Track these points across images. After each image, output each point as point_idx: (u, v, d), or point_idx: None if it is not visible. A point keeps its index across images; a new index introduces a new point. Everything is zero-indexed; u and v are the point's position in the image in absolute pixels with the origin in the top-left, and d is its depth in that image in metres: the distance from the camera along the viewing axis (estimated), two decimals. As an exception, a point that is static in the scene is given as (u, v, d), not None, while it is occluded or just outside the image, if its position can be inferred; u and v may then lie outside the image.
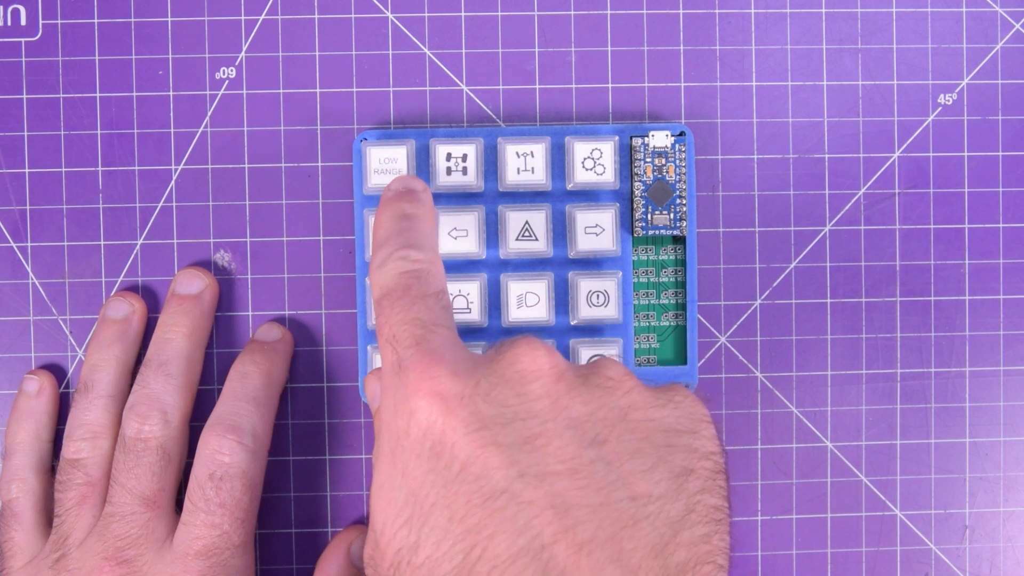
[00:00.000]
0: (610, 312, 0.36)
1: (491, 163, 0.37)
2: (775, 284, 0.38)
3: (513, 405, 0.26)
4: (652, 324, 0.38)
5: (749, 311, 0.38)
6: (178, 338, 0.36)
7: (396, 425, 0.26)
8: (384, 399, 0.28)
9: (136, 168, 0.37)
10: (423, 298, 0.28)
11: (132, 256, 0.37)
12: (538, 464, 0.25)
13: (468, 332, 0.37)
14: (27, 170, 0.37)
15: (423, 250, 0.30)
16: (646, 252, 0.38)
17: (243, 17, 0.37)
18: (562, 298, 0.37)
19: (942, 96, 0.38)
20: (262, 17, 0.37)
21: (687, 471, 0.26)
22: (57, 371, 0.37)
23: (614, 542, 0.24)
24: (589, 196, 0.37)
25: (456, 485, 0.25)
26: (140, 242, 0.37)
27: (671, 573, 0.25)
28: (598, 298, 0.36)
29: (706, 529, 0.26)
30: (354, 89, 0.37)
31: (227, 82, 0.37)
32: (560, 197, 0.37)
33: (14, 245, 0.37)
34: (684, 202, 0.37)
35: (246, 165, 0.37)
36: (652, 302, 0.38)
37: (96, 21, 0.37)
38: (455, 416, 0.26)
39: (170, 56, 0.37)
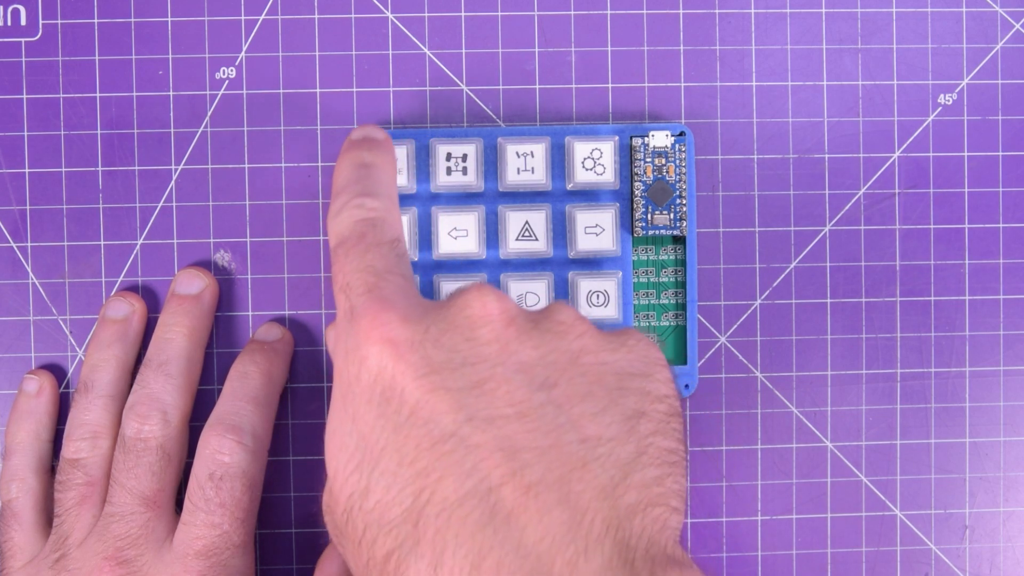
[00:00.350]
0: (610, 312, 0.36)
1: (491, 163, 0.37)
2: (775, 284, 0.38)
3: (463, 350, 0.26)
4: (652, 324, 0.38)
5: (749, 311, 0.38)
6: (178, 338, 0.36)
7: (347, 372, 0.27)
8: (337, 347, 0.28)
9: (136, 168, 0.37)
10: (377, 246, 0.29)
11: (132, 256, 0.37)
12: (487, 408, 0.25)
13: (468, 332, 0.37)
14: (27, 170, 0.37)
15: (379, 198, 0.30)
16: (646, 252, 0.38)
17: (243, 17, 0.37)
18: (562, 298, 0.37)
19: (942, 96, 0.38)
20: (262, 17, 0.37)
21: (639, 413, 0.26)
22: (57, 371, 0.37)
23: (562, 484, 0.24)
24: (589, 196, 0.37)
25: (405, 429, 0.25)
26: (140, 242, 0.37)
27: (621, 515, 0.25)
28: (598, 298, 0.36)
29: (658, 471, 0.26)
30: (354, 89, 0.37)
31: (227, 82, 0.37)
32: (560, 197, 0.37)
33: (14, 245, 0.37)
34: (684, 202, 0.37)
35: (246, 165, 0.37)
36: (652, 302, 0.38)
37: (96, 21, 0.37)
38: (405, 361, 0.26)
39: (170, 56, 0.37)
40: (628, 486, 0.25)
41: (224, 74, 0.37)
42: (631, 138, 0.37)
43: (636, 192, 0.37)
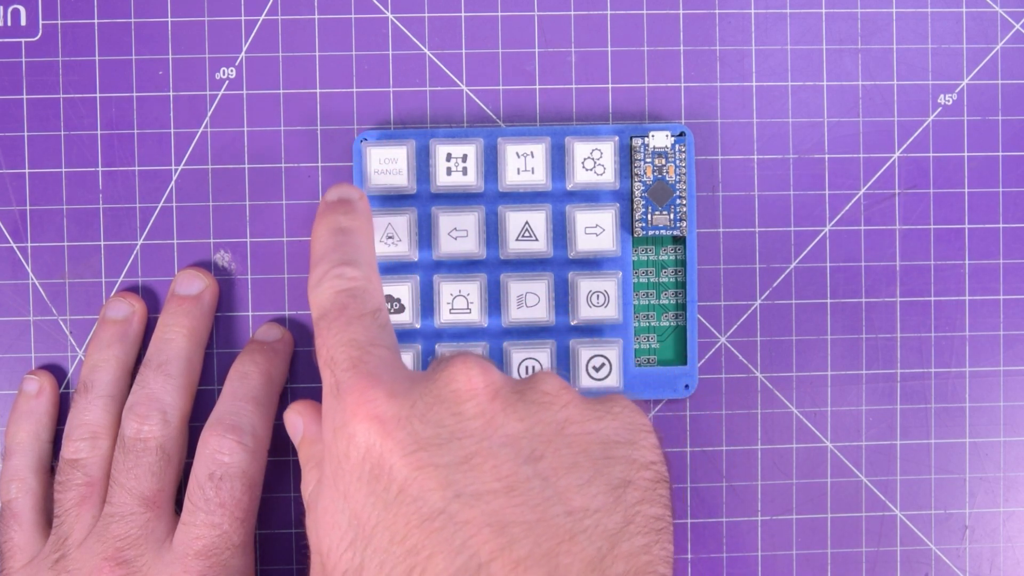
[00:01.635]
0: (610, 312, 0.36)
1: (491, 163, 0.37)
2: (775, 284, 0.38)
3: (449, 425, 0.26)
4: (652, 324, 0.38)
5: (749, 311, 0.38)
6: (178, 338, 0.36)
7: (336, 449, 0.27)
8: (325, 423, 0.28)
9: (136, 168, 0.37)
10: (360, 318, 0.29)
11: (132, 256, 0.37)
12: (474, 483, 0.25)
13: (468, 332, 0.37)
14: (27, 170, 0.37)
15: (359, 266, 0.30)
16: (646, 252, 0.38)
17: (243, 17, 0.37)
18: (562, 298, 0.37)
19: (942, 96, 0.38)
20: (262, 17, 0.37)
21: (626, 482, 0.27)
22: (57, 371, 0.37)
23: (551, 558, 0.25)
24: (589, 196, 0.37)
25: (395, 507, 0.25)
26: (140, 242, 0.37)
27: None
28: (598, 298, 0.36)
29: (646, 540, 0.26)
30: (354, 89, 0.37)
31: (227, 82, 0.37)
32: (560, 197, 0.37)
33: (14, 245, 0.37)
34: (684, 202, 0.37)
35: (246, 165, 0.37)
36: (652, 302, 0.38)
37: (96, 21, 0.37)
38: (392, 438, 0.26)
39: (170, 56, 0.37)
40: (616, 556, 0.25)
41: (224, 74, 0.37)
42: (631, 138, 0.37)
43: (636, 192, 0.37)
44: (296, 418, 0.31)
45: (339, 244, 0.31)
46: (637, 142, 0.37)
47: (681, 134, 0.37)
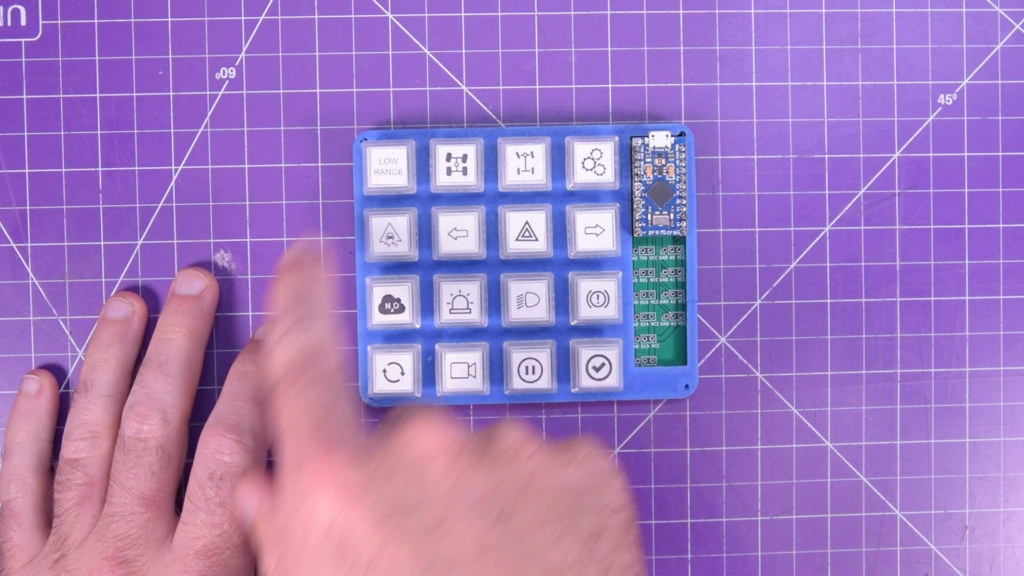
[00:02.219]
0: (610, 312, 0.36)
1: (491, 163, 0.37)
2: (775, 284, 0.38)
3: (415, 490, 0.25)
4: (652, 324, 0.38)
5: (749, 311, 0.38)
6: (178, 338, 0.36)
7: (298, 524, 0.26)
8: (285, 496, 0.27)
9: (136, 168, 0.37)
10: (317, 382, 0.28)
11: (132, 256, 0.37)
12: (447, 549, 0.25)
13: (468, 332, 0.37)
14: (27, 170, 0.37)
15: (314, 328, 0.29)
16: (646, 252, 0.38)
17: (243, 17, 0.37)
18: (562, 298, 0.37)
19: (942, 96, 0.38)
20: (262, 17, 0.37)
21: (597, 532, 0.26)
22: (57, 371, 0.37)
23: None
24: (589, 196, 0.37)
25: None
26: (140, 242, 0.37)
27: None
28: (598, 298, 0.36)
29: None
30: (354, 89, 0.37)
31: (227, 82, 0.37)
32: (560, 197, 0.37)
33: (14, 245, 0.37)
34: (684, 202, 0.37)
35: (246, 165, 0.37)
36: (652, 302, 0.38)
37: (96, 21, 0.37)
38: (356, 509, 0.25)
39: (170, 56, 0.37)
40: None
41: (224, 74, 0.37)
42: (631, 138, 0.37)
43: (636, 192, 0.37)
44: (247, 498, 0.30)
45: (295, 306, 0.30)
46: (637, 142, 0.37)
47: (681, 134, 0.37)
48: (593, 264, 0.37)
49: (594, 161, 0.36)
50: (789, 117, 0.38)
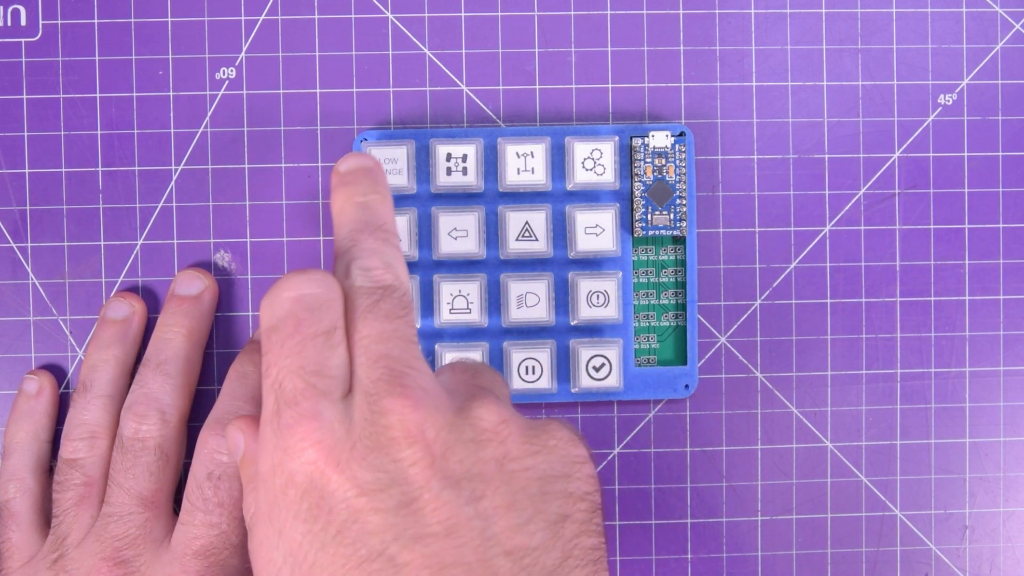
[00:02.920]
0: (610, 312, 0.36)
1: (491, 163, 0.37)
2: (775, 284, 0.38)
3: (390, 471, 0.26)
4: (652, 324, 0.38)
5: (749, 311, 0.38)
6: (177, 338, 0.36)
7: (273, 484, 0.26)
8: (262, 454, 0.27)
9: (136, 168, 0.37)
10: (312, 338, 0.28)
11: (132, 256, 0.37)
12: (414, 527, 0.25)
13: (468, 332, 0.37)
14: (27, 170, 0.37)
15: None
16: (646, 252, 0.38)
17: (243, 17, 0.37)
18: (562, 298, 0.37)
19: (942, 96, 0.38)
20: (262, 17, 0.37)
21: (563, 517, 0.27)
22: (57, 371, 0.37)
23: None
24: (589, 196, 0.37)
25: (333, 547, 0.25)
26: (140, 242, 0.37)
27: None
28: (598, 298, 0.36)
29: (584, 571, 0.26)
30: (354, 89, 0.37)
31: (227, 82, 0.37)
32: (560, 197, 0.37)
33: (14, 245, 0.37)
34: (684, 202, 0.37)
35: (246, 165, 0.37)
36: (652, 302, 0.38)
37: (96, 21, 0.37)
38: (337, 474, 0.26)
39: (170, 56, 0.37)
40: None
41: (224, 74, 0.37)
42: (631, 138, 0.37)
43: (636, 192, 0.37)
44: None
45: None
46: (637, 142, 0.37)
47: (681, 134, 0.37)
48: (593, 264, 0.37)
49: (594, 161, 0.36)
50: (789, 117, 0.38)
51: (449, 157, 0.36)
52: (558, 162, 0.37)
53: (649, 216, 0.37)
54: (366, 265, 0.29)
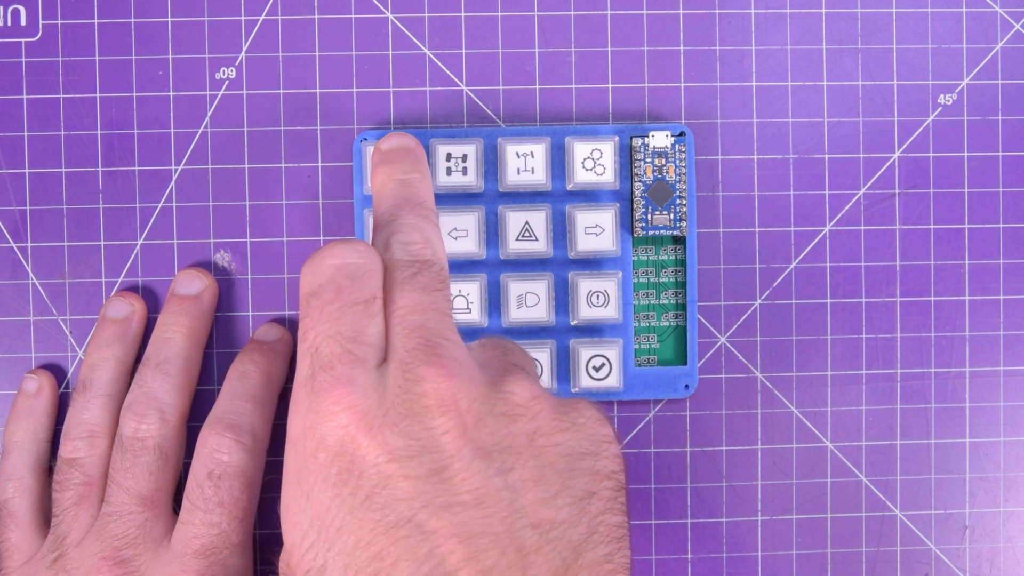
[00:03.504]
0: (610, 312, 0.36)
1: (491, 163, 0.37)
2: (775, 284, 0.38)
3: (422, 438, 0.26)
4: (652, 324, 0.38)
5: (749, 311, 0.38)
6: (177, 338, 0.36)
7: (304, 447, 0.27)
8: (294, 416, 0.27)
9: (136, 168, 0.37)
10: (352, 306, 0.28)
11: (132, 256, 0.37)
12: (444, 495, 0.25)
13: (468, 332, 0.37)
14: (27, 170, 0.37)
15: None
16: (646, 252, 0.38)
17: (243, 17, 0.37)
18: (562, 298, 0.37)
19: (942, 96, 0.38)
20: (262, 17, 0.37)
21: (589, 494, 0.27)
22: (57, 371, 0.37)
23: (517, 569, 0.25)
24: (589, 196, 0.37)
25: (361, 512, 0.25)
26: (140, 242, 0.37)
27: None
28: (598, 298, 0.36)
29: (608, 548, 0.27)
30: (354, 89, 0.37)
31: (227, 82, 0.37)
32: (560, 197, 0.37)
33: (14, 245, 0.37)
34: (684, 202, 0.37)
35: (246, 165, 0.37)
36: (652, 302, 0.38)
37: (96, 21, 0.37)
38: (370, 439, 0.26)
39: (170, 56, 0.37)
40: (580, 566, 0.26)
41: (224, 74, 0.37)
42: (631, 138, 0.37)
43: (636, 192, 0.37)
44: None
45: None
46: (637, 142, 0.37)
47: (681, 134, 0.37)
48: (593, 264, 0.37)
49: (594, 161, 0.36)
50: (789, 117, 0.38)
51: (449, 157, 0.36)
52: (558, 162, 0.37)
53: (649, 216, 0.37)
54: (406, 240, 0.30)
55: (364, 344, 0.28)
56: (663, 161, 0.37)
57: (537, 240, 0.36)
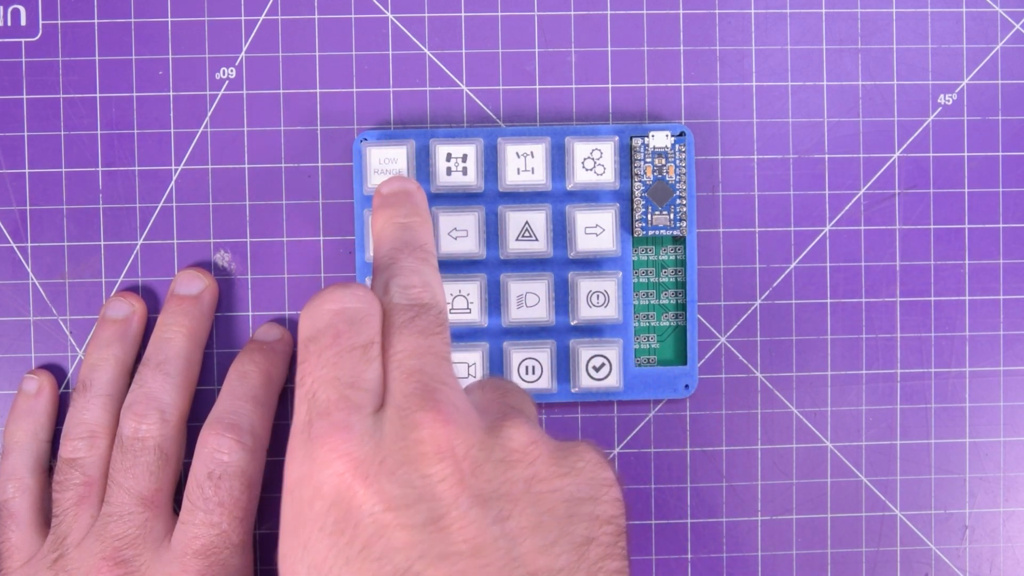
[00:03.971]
0: (610, 312, 0.36)
1: (491, 163, 0.37)
2: (775, 284, 0.38)
3: (418, 486, 0.26)
4: (652, 324, 0.38)
5: (749, 311, 0.38)
6: (177, 338, 0.36)
7: (300, 495, 0.26)
8: (290, 463, 0.27)
9: (136, 168, 0.37)
10: (350, 351, 0.28)
11: (132, 256, 0.37)
12: (440, 545, 0.25)
13: (468, 332, 0.37)
14: (27, 170, 0.37)
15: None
16: (646, 252, 0.38)
17: (243, 17, 0.37)
18: (562, 298, 0.37)
19: (942, 96, 0.38)
20: (262, 17, 0.37)
21: (589, 540, 0.27)
22: (57, 371, 0.37)
23: None
24: (589, 196, 0.37)
25: (358, 563, 0.25)
26: (140, 242, 0.37)
27: None
28: (598, 298, 0.36)
29: None
30: (354, 89, 0.37)
31: (227, 82, 0.37)
32: (560, 197, 0.37)
33: (14, 245, 0.37)
34: (684, 202, 0.37)
35: (246, 165, 0.37)
36: (652, 302, 0.38)
37: (96, 21, 0.37)
38: (359, 495, 0.25)
39: (170, 56, 0.37)
40: None
41: (224, 74, 0.37)
42: (631, 138, 0.37)
43: (636, 192, 0.37)
44: None
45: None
46: (637, 142, 0.37)
47: (681, 134, 0.37)
48: (593, 264, 0.37)
49: (594, 161, 0.36)
50: (789, 117, 0.38)
51: (449, 157, 0.36)
52: (558, 162, 0.37)
53: (649, 216, 0.37)
54: (405, 283, 0.29)
55: (361, 389, 0.27)
56: (663, 161, 0.37)
57: (537, 240, 0.36)
